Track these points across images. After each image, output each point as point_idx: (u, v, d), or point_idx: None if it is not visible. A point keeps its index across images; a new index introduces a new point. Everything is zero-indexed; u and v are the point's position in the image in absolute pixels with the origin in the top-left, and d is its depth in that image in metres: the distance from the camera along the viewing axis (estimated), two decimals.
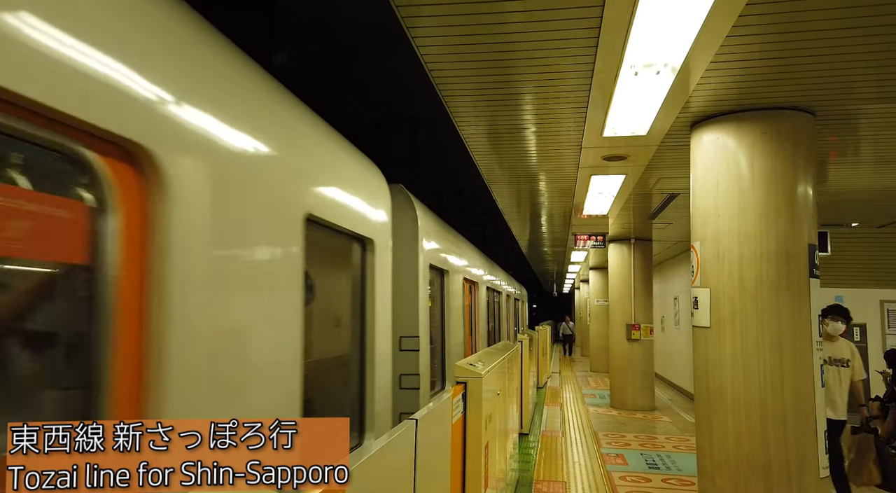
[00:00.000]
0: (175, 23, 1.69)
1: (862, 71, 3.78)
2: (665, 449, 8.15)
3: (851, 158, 5.76)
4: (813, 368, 4.25)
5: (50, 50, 1.20)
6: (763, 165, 4.39)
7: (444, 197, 13.40)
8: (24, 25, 1.15)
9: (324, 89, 7.78)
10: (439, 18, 3.20)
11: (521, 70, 3.87)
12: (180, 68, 1.64)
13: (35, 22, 1.17)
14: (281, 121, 2.30)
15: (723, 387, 4.42)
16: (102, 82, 1.32)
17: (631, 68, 3.59)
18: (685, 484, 6.41)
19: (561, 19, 3.14)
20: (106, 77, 1.33)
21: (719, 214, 4.53)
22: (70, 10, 1.28)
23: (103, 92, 1.32)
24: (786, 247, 4.30)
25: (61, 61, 1.22)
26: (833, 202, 7.63)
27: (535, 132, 5.19)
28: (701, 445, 4.68)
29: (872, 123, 4.73)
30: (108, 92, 1.34)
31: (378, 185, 3.46)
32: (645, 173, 6.41)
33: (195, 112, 1.66)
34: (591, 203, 8.05)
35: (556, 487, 6.33)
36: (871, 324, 10.31)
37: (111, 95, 1.34)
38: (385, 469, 2.02)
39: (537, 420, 10.14)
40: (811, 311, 4.29)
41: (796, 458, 4.17)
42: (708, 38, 3.19)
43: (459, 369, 3.80)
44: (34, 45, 1.17)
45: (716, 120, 4.59)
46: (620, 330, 11.91)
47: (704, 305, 4.59)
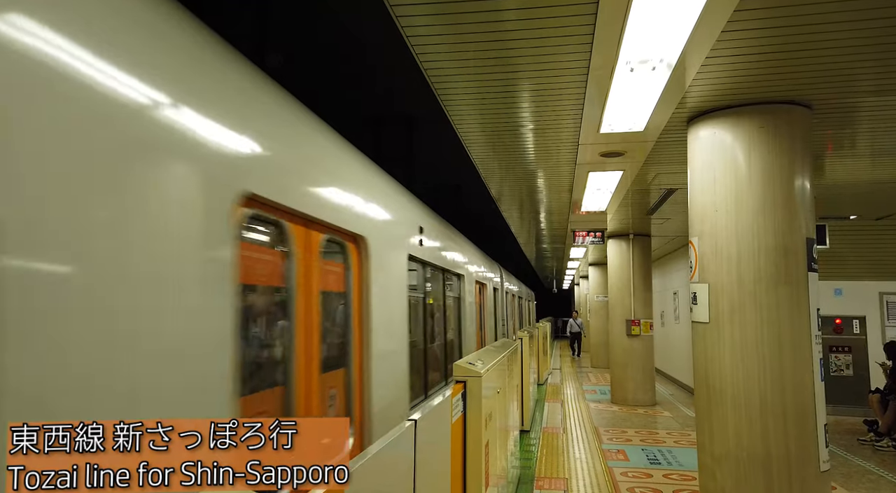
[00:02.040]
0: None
1: (859, 64, 3.78)
2: (666, 444, 8.16)
3: (849, 151, 5.77)
4: (812, 362, 4.26)
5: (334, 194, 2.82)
6: (760, 160, 4.39)
7: (440, 193, 13.40)
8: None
9: (323, 87, 7.78)
10: (434, 17, 3.20)
11: (517, 67, 3.86)
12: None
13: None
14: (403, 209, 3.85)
15: (722, 382, 4.43)
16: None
17: (627, 65, 3.59)
18: (686, 479, 6.42)
19: (556, 16, 3.14)
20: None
21: (717, 209, 4.53)
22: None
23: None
24: (784, 241, 4.31)
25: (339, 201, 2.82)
26: (831, 195, 7.63)
27: (531, 130, 5.19)
28: (701, 440, 4.69)
29: (870, 116, 4.73)
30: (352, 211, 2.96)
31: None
32: (643, 169, 6.42)
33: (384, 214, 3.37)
34: (589, 199, 8.05)
35: (557, 483, 6.34)
36: (871, 316, 10.32)
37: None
38: (385, 470, 2.02)
39: (538, 417, 10.16)
40: (810, 305, 4.30)
41: (796, 452, 4.18)
42: (703, 33, 3.19)
43: (458, 367, 3.80)
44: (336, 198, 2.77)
45: (713, 115, 4.59)
46: (620, 326, 11.92)
47: (703, 300, 4.60)
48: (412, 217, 4.55)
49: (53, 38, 1.38)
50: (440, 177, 12.44)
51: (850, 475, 6.71)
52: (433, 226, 5.45)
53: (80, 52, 1.45)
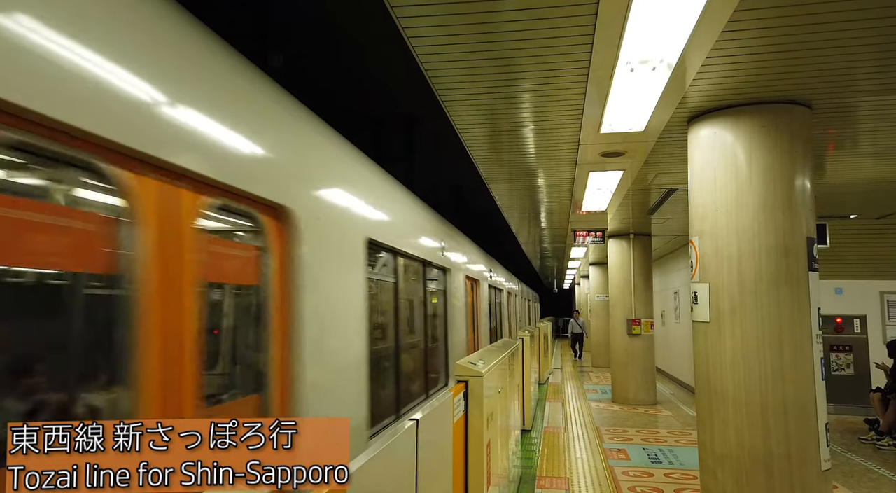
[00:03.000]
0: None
1: (859, 63, 3.78)
2: (667, 444, 8.16)
3: (850, 150, 5.76)
4: (813, 361, 4.25)
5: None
6: (761, 160, 4.39)
7: (440, 193, 13.40)
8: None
9: (318, 86, 7.78)
10: (434, 18, 3.20)
11: (518, 68, 3.87)
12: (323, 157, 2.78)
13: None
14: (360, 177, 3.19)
15: (723, 381, 4.43)
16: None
17: (627, 65, 3.59)
18: (687, 478, 6.42)
19: (556, 17, 3.14)
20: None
21: (717, 209, 4.53)
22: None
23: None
24: (784, 241, 4.30)
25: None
26: (831, 194, 7.63)
27: (532, 130, 5.19)
28: (702, 439, 4.69)
29: (870, 115, 4.73)
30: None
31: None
32: (643, 169, 6.41)
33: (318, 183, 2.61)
34: (589, 199, 8.05)
35: (558, 483, 6.34)
36: (872, 315, 10.31)
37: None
38: (387, 470, 2.02)
39: (539, 417, 10.16)
40: (811, 304, 4.30)
41: (797, 451, 4.17)
42: (704, 32, 3.19)
43: (460, 367, 3.80)
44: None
45: (713, 115, 4.59)
46: (621, 325, 11.92)
47: (704, 300, 4.60)
48: (378, 193, 3.57)
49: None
50: (438, 174, 12.45)
51: (851, 473, 6.71)
52: (408, 206, 4.47)
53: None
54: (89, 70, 1.35)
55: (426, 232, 4.83)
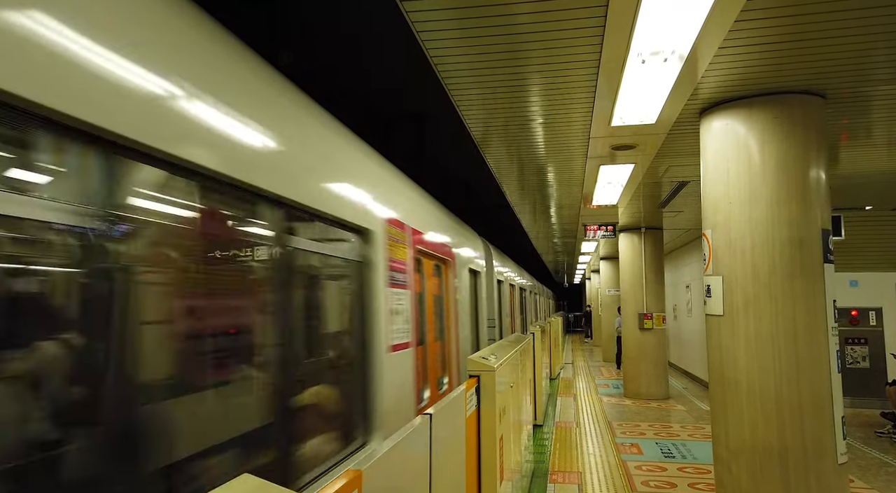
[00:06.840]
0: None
1: (874, 52, 3.73)
2: (680, 438, 8.13)
3: (864, 140, 5.69)
4: (829, 354, 4.22)
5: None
6: (774, 151, 4.35)
7: (451, 190, 13.40)
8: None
9: (328, 84, 7.79)
10: (444, 12, 3.19)
11: (528, 61, 3.85)
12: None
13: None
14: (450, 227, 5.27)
15: (737, 375, 4.40)
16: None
17: (638, 56, 3.57)
18: (701, 472, 6.39)
19: (567, 8, 3.12)
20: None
21: (731, 201, 4.49)
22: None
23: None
24: (799, 233, 4.27)
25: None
26: (846, 186, 7.55)
27: (542, 124, 5.17)
28: (716, 433, 4.67)
29: (885, 105, 4.67)
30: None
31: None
32: (654, 162, 6.37)
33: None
34: (600, 193, 8.02)
35: (571, 477, 6.34)
36: (888, 307, 10.20)
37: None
38: (402, 463, 2.03)
39: (551, 412, 10.15)
40: (826, 297, 4.26)
41: (813, 444, 4.14)
42: (716, 23, 3.16)
43: (472, 362, 3.80)
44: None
45: (725, 106, 4.55)
46: (633, 319, 11.87)
47: (717, 293, 4.57)
48: (461, 238, 4.38)
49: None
50: (447, 170, 12.42)
51: (867, 467, 6.65)
52: (471, 239, 7.09)
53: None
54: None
55: (480, 254, 7.58)
